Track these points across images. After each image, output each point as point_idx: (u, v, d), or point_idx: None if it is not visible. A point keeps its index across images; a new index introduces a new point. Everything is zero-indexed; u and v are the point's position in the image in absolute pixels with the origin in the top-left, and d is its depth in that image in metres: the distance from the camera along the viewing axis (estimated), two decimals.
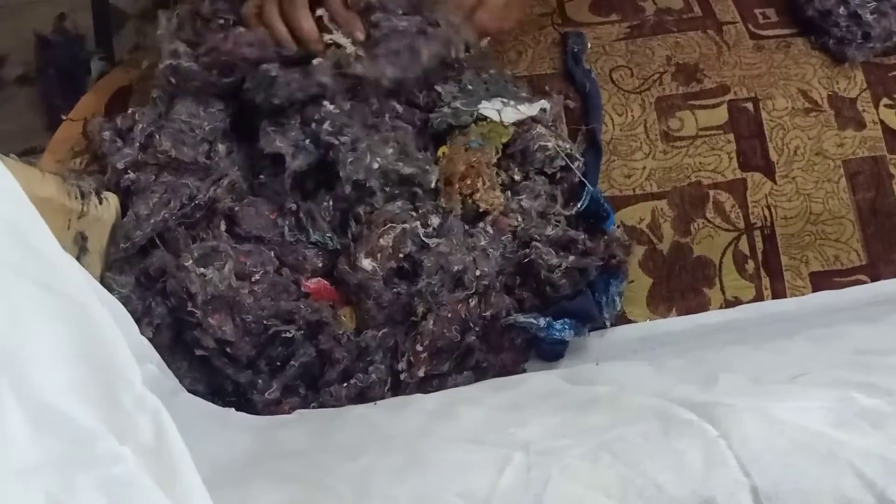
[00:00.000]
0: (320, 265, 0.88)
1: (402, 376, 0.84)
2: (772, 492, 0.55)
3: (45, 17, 1.14)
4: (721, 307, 0.95)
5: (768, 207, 0.99)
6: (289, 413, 0.81)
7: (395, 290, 0.85)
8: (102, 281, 0.82)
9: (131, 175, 0.88)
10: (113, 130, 0.93)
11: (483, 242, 0.88)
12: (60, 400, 0.52)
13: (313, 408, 0.84)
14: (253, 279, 0.84)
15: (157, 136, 0.90)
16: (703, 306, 0.95)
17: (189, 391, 0.80)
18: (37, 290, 0.55)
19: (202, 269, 0.81)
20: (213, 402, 0.82)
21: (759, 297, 0.95)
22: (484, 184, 0.92)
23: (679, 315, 0.95)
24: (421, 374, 0.84)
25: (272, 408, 0.83)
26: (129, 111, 0.94)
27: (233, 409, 0.79)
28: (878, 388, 0.62)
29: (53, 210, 0.76)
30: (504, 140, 0.95)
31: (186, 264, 0.81)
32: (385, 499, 0.60)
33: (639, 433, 0.59)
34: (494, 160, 0.94)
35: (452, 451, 0.63)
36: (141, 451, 0.51)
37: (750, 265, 0.97)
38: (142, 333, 0.76)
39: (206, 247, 0.84)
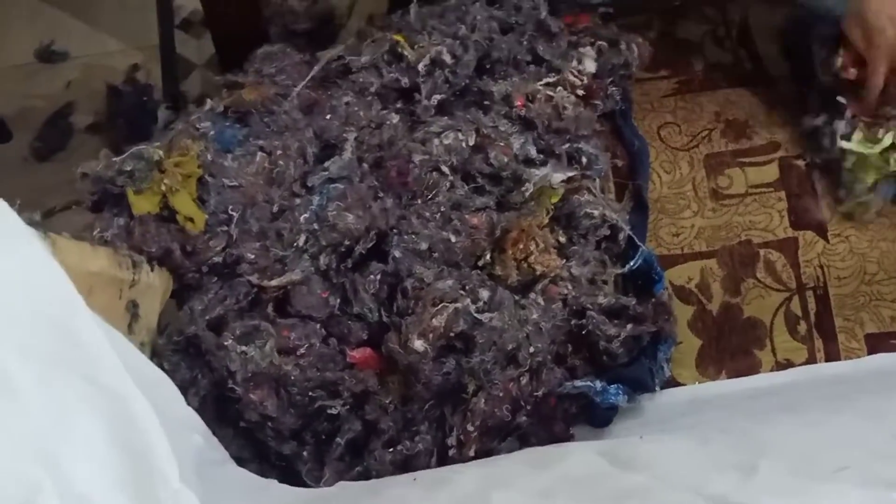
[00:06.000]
0: (365, 337, 0.87)
1: (451, 452, 0.83)
2: None
3: (116, 68, 1.19)
4: (772, 369, 0.94)
5: (821, 267, 0.97)
6: (331, 485, 0.81)
7: (444, 370, 0.83)
8: (154, 348, 0.84)
9: (190, 275, 0.86)
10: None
11: (535, 315, 0.86)
12: (98, 494, 0.53)
13: (358, 472, 0.84)
14: (298, 353, 0.83)
15: (238, 250, 0.87)
16: (753, 368, 0.94)
17: (235, 458, 0.81)
18: (79, 381, 0.57)
19: (243, 348, 0.81)
20: (259, 468, 0.83)
21: (811, 360, 0.94)
22: (538, 246, 0.90)
23: (729, 377, 0.93)
24: (471, 453, 0.82)
25: (316, 473, 0.84)
26: None
27: (275, 481, 0.80)
28: None
29: (105, 282, 0.77)
30: (554, 201, 0.94)
31: (226, 343, 0.82)
32: None
33: None
34: (545, 222, 0.93)
35: None
36: None
37: (802, 326, 0.95)
38: (188, 403, 0.77)
39: (248, 325, 0.83)
